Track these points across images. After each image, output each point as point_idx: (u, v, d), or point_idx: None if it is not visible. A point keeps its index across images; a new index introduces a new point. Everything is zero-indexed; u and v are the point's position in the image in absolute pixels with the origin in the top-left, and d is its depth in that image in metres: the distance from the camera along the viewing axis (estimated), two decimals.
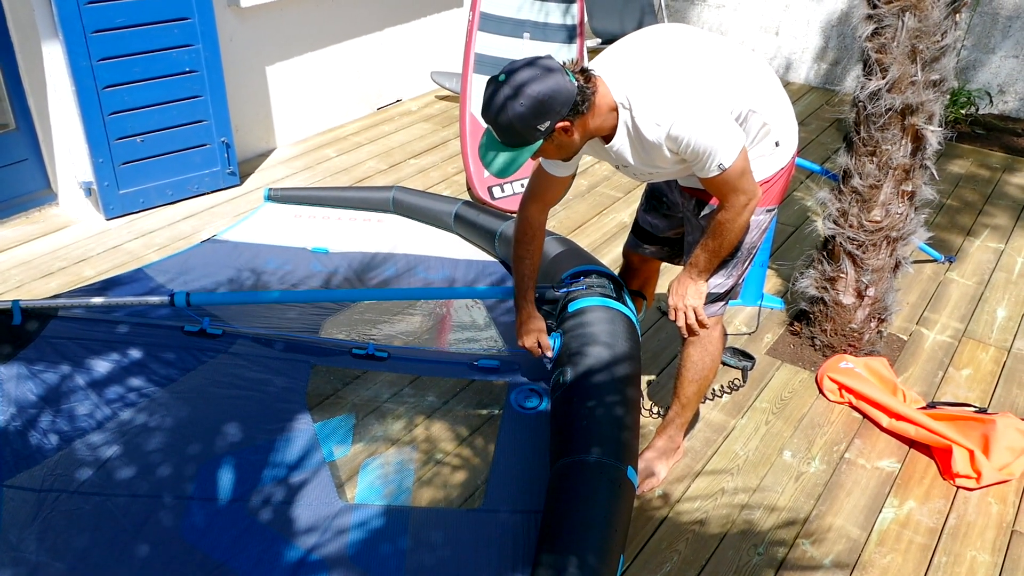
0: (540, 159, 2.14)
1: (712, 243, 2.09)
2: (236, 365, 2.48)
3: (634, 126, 1.91)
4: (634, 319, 2.36)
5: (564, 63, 1.87)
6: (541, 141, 1.86)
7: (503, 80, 1.82)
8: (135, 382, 2.40)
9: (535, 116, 1.80)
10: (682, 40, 2.00)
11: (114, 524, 2.06)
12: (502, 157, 1.88)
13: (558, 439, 2.10)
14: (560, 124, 1.84)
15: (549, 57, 1.86)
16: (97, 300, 2.43)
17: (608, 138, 1.97)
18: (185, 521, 2.08)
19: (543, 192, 2.21)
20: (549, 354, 2.33)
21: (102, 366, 2.42)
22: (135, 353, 2.47)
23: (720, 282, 2.23)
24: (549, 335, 2.35)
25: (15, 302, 2.44)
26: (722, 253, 2.12)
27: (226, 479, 2.19)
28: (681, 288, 2.22)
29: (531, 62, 1.83)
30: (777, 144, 2.07)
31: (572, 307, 2.35)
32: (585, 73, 1.87)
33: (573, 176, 2.21)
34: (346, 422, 2.42)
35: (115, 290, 3.02)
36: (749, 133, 2.02)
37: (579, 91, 1.83)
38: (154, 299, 2.44)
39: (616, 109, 1.91)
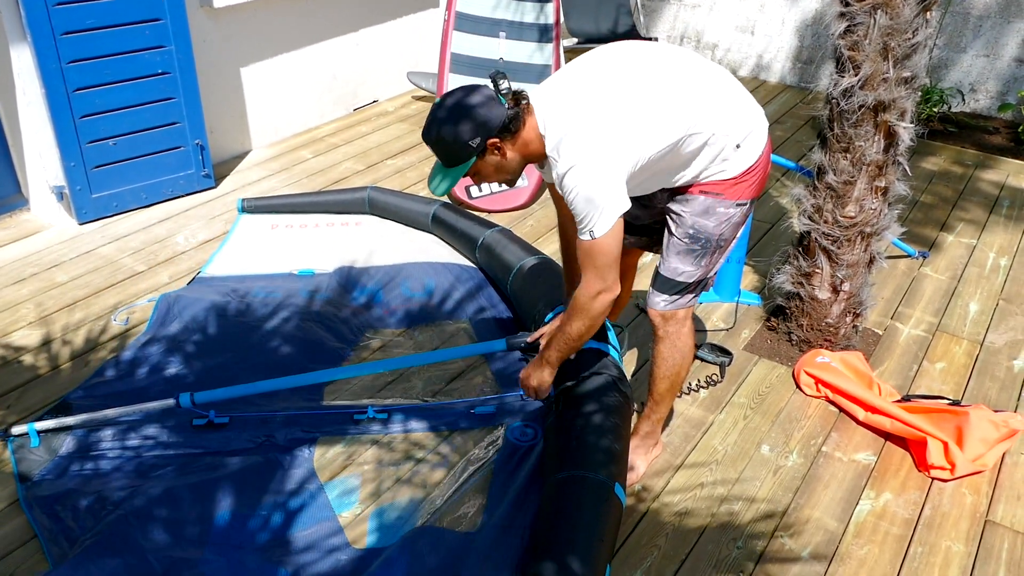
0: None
1: (565, 327, 2.13)
2: (242, 445, 2.54)
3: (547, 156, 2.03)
4: (618, 357, 2.47)
5: (501, 90, 1.99)
6: (475, 159, 1.99)
7: (439, 104, 1.98)
8: (144, 468, 2.45)
9: (465, 132, 1.93)
10: (629, 67, 2.01)
11: None
12: (441, 177, 2.02)
13: (550, 458, 2.25)
14: (491, 140, 1.96)
15: (485, 87, 1.99)
16: (109, 412, 2.54)
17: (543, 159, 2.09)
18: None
19: (560, 209, 2.35)
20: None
21: (110, 464, 2.46)
22: (145, 445, 2.54)
23: (688, 271, 2.21)
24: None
25: (30, 425, 2.52)
26: (569, 344, 2.15)
27: (235, 534, 2.22)
28: (535, 376, 2.27)
29: (465, 89, 1.98)
30: (738, 146, 2.07)
31: None
32: (517, 98, 1.99)
33: None
34: (352, 480, 2.46)
35: (123, 358, 2.92)
36: (698, 150, 2.04)
37: (509, 115, 1.95)
38: (159, 404, 2.53)
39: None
